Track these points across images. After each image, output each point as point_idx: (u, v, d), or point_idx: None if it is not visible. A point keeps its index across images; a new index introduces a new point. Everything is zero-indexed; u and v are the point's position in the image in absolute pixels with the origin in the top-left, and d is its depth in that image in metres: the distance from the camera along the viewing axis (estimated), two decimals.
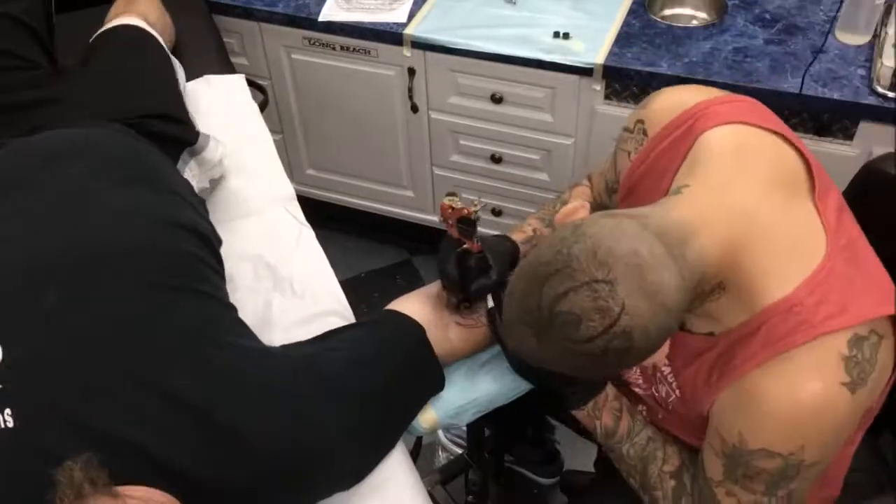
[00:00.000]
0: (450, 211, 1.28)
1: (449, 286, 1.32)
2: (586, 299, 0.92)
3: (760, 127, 1.13)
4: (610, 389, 1.29)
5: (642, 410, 1.34)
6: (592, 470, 1.81)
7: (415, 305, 1.38)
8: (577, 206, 1.10)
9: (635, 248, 0.94)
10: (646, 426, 1.29)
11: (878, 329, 1.04)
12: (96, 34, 1.84)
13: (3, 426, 1.01)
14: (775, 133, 1.13)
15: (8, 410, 1.02)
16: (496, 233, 2.55)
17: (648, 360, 1.02)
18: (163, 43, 1.87)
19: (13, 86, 1.60)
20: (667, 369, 1.23)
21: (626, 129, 1.28)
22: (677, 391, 1.22)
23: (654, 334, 0.94)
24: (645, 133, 1.22)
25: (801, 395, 1.03)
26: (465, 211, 1.27)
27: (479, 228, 1.30)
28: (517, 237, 1.44)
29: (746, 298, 1.06)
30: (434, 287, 1.40)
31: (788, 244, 1.06)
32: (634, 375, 1.33)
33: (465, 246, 1.28)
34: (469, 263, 1.29)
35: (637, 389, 1.34)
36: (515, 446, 2.06)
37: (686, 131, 1.15)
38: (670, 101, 1.21)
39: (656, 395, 1.28)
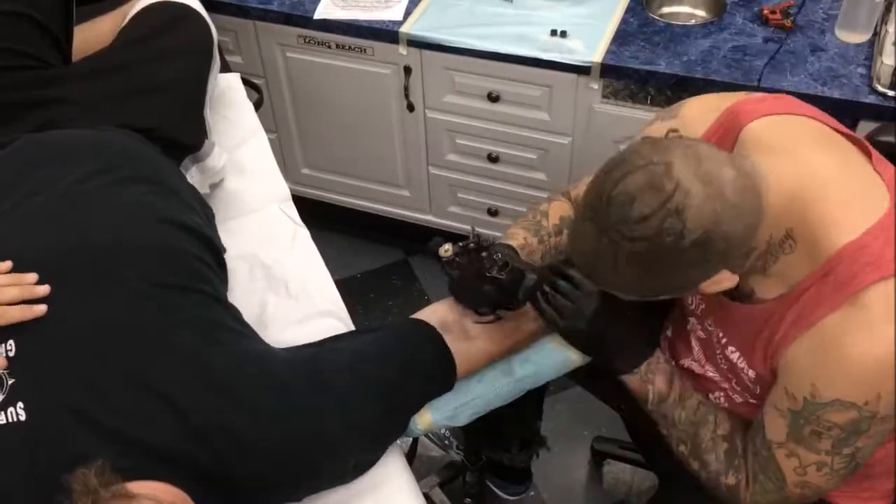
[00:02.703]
0: (457, 258, 1.29)
1: (498, 306, 1.33)
2: (641, 179, 0.99)
3: (801, 114, 1.16)
4: (660, 353, 1.29)
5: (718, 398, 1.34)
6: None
7: (432, 313, 1.38)
8: None
9: (696, 143, 1.02)
10: (696, 391, 1.28)
11: None
12: (139, 8, 1.76)
13: (15, 419, 1.04)
14: (817, 119, 1.16)
15: (20, 404, 1.05)
16: (494, 233, 2.56)
17: (710, 287, 1.05)
18: (207, 18, 1.79)
19: (21, 85, 1.58)
20: (734, 355, 1.23)
21: None
22: (751, 372, 1.22)
23: (708, 222, 0.97)
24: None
25: (879, 341, 1.02)
26: (472, 244, 1.29)
27: (477, 231, 1.30)
28: (514, 243, 1.42)
29: (814, 249, 1.06)
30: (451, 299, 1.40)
31: (852, 195, 1.07)
32: (712, 370, 1.32)
33: (494, 271, 1.28)
34: (503, 282, 1.28)
35: (716, 382, 1.33)
36: (493, 455, 2.04)
37: (728, 131, 1.17)
38: (705, 107, 1.24)
39: (738, 386, 1.28)
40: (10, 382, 1.07)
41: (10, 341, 1.10)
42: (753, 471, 1.19)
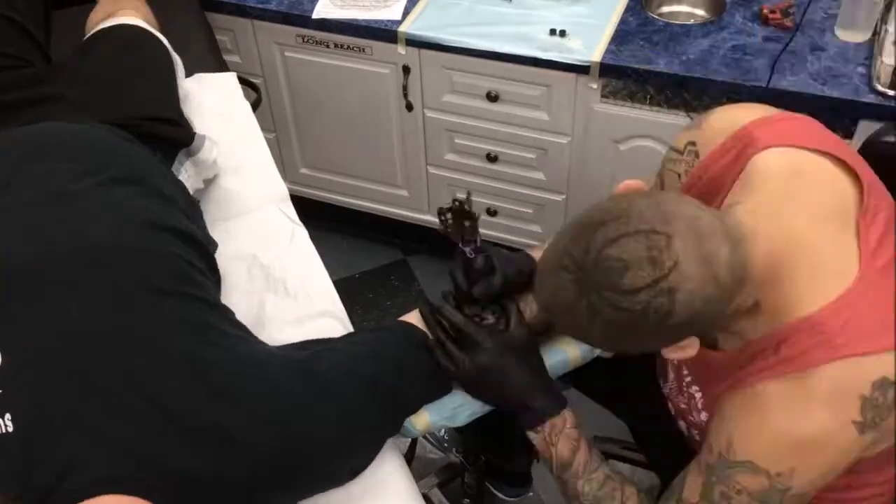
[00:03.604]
0: (446, 214, 1.26)
1: (454, 289, 1.30)
2: (640, 247, 0.91)
3: (812, 149, 1.10)
4: (568, 415, 1.24)
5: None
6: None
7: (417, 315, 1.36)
8: (637, 183, 1.08)
9: (698, 215, 0.94)
10: (603, 463, 1.23)
11: None
12: (92, 32, 1.82)
13: (3, 431, 1.02)
14: (827, 154, 1.10)
15: (8, 415, 1.03)
16: (493, 233, 2.56)
17: (673, 353, 1.01)
18: (164, 42, 1.84)
19: (6, 85, 1.58)
20: (698, 394, 1.21)
21: (675, 150, 1.24)
22: (703, 413, 1.20)
23: (698, 305, 0.92)
24: (697, 155, 1.19)
25: (807, 418, 0.99)
26: (456, 203, 1.25)
27: (485, 234, 1.28)
28: (535, 254, 1.40)
29: (774, 317, 1.03)
30: None
31: (822, 267, 1.03)
32: (684, 400, 1.29)
33: (469, 247, 1.26)
34: (475, 265, 1.27)
35: (689, 414, 1.30)
36: (494, 457, 2.03)
37: (739, 153, 1.12)
38: (723, 121, 1.18)
39: (694, 420, 1.25)
40: None
41: None
42: None
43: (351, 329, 1.49)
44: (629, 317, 0.93)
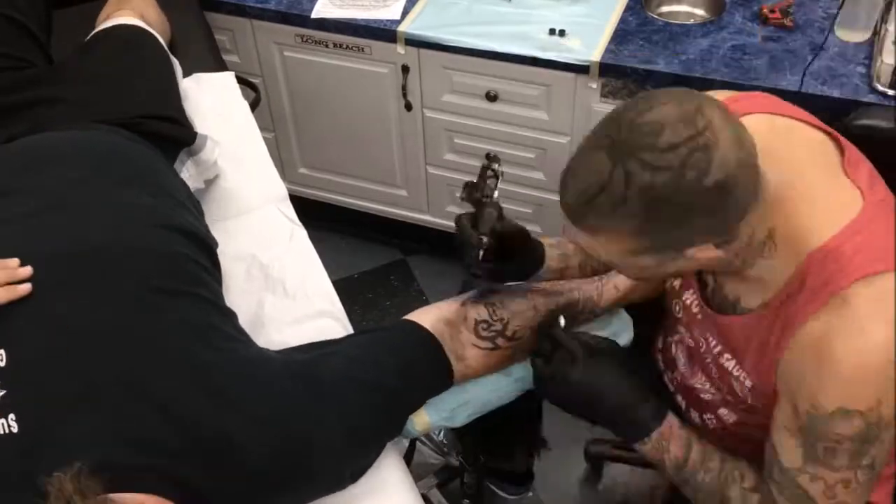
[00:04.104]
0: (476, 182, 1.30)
1: (465, 239, 1.30)
2: (673, 110, 0.96)
3: (783, 115, 1.15)
4: (672, 418, 1.23)
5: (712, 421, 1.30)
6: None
7: (431, 319, 1.35)
8: None
9: (724, 107, 0.99)
10: (716, 450, 1.22)
11: None
12: (93, 33, 1.82)
13: (6, 431, 1.02)
14: (795, 118, 1.15)
15: (12, 416, 1.03)
16: None
17: (701, 252, 1.02)
18: (162, 42, 1.85)
19: (7, 86, 1.58)
20: (730, 363, 1.21)
21: None
22: (747, 381, 1.19)
23: (732, 166, 0.95)
24: None
25: (867, 339, 1.00)
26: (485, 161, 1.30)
27: None
28: (544, 240, 1.40)
29: (791, 252, 1.05)
30: (454, 305, 1.38)
31: (827, 202, 1.06)
32: (701, 381, 1.29)
33: (485, 194, 1.29)
34: (484, 213, 1.28)
35: (706, 396, 1.30)
36: (493, 457, 2.03)
37: None
38: None
39: (730, 397, 1.25)
40: (0, 394, 1.05)
41: (1, 351, 1.08)
42: None
43: (350, 329, 1.49)
44: (666, 177, 0.94)
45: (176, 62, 1.85)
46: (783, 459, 1.12)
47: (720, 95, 1.19)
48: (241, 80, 2.07)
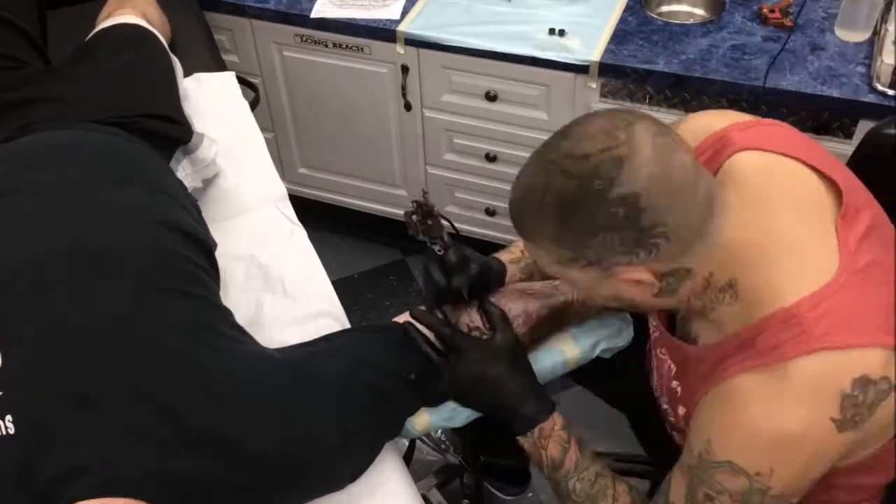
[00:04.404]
0: (412, 216, 1.28)
1: (435, 290, 1.29)
2: (603, 124, 0.98)
3: (784, 154, 1.10)
4: (558, 418, 1.24)
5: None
6: None
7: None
8: None
9: (671, 130, 1.01)
10: (594, 461, 1.23)
11: (892, 378, 0.97)
12: (94, 32, 1.82)
13: (4, 433, 1.01)
14: (799, 160, 1.10)
15: (9, 417, 1.02)
16: (491, 233, 2.55)
17: (629, 273, 1.01)
18: (163, 41, 1.84)
19: (2, 85, 1.57)
20: (678, 388, 1.20)
21: None
22: (681, 408, 1.19)
23: (643, 183, 0.95)
24: None
25: (784, 416, 0.97)
26: (413, 204, 1.27)
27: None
28: (504, 257, 1.41)
29: (751, 307, 1.02)
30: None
31: (801, 261, 1.02)
32: (665, 401, 1.29)
33: (437, 244, 1.27)
34: (448, 260, 1.27)
35: (668, 416, 1.30)
36: (493, 455, 2.03)
37: (714, 154, 1.13)
38: (697, 125, 1.19)
39: (679, 421, 1.24)
40: None
41: None
42: None
43: None
44: (576, 185, 0.96)
45: (176, 61, 1.85)
46: (670, 494, 1.12)
47: (733, 116, 1.17)
48: (241, 80, 2.07)
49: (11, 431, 1.01)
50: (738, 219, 1.03)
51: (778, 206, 1.06)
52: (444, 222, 1.29)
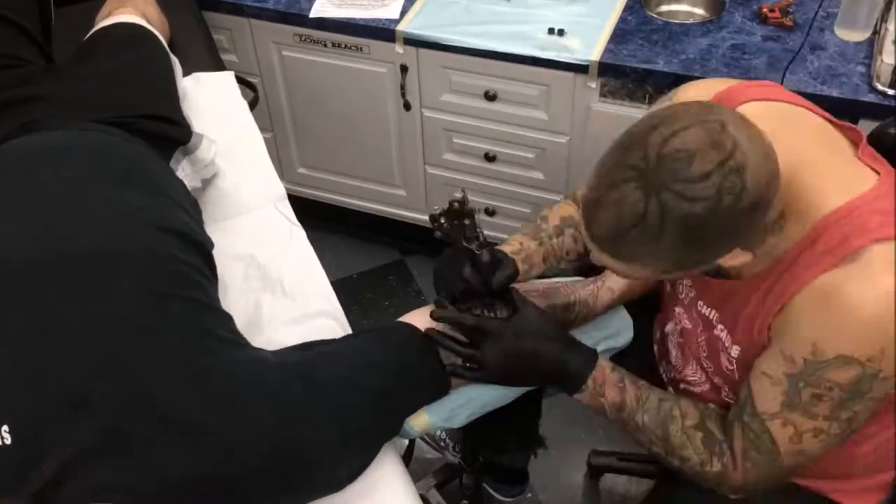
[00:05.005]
0: (441, 216, 1.25)
1: (471, 289, 1.28)
2: (700, 135, 0.94)
3: (791, 102, 1.16)
4: (604, 364, 1.25)
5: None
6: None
7: (428, 323, 1.34)
8: None
9: (741, 117, 0.99)
10: (652, 389, 1.25)
11: None
12: (93, 31, 1.81)
13: (0, 443, 1.01)
14: (806, 108, 1.16)
15: (5, 427, 1.02)
16: (491, 233, 2.54)
17: (732, 259, 1.02)
18: (163, 41, 1.84)
19: (1, 84, 1.57)
20: (723, 333, 1.21)
21: None
22: (734, 349, 1.20)
23: (764, 183, 0.95)
24: None
25: (881, 290, 1.00)
26: (455, 204, 1.25)
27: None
28: (507, 250, 1.40)
29: (800, 221, 1.05)
30: None
31: (838, 176, 1.07)
32: (692, 370, 1.29)
33: (474, 244, 1.26)
34: (483, 260, 1.26)
35: (697, 389, 1.31)
36: (491, 456, 2.03)
37: None
38: (700, 90, 1.22)
39: (718, 380, 1.26)
40: None
41: None
42: (742, 449, 1.15)
43: (349, 330, 1.49)
44: (703, 206, 0.94)
45: (175, 61, 1.85)
46: (758, 404, 1.12)
47: (725, 84, 1.21)
48: (240, 80, 2.06)
49: (8, 441, 1.01)
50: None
51: (797, 140, 1.09)
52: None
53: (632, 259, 1.03)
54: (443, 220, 1.25)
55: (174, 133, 1.64)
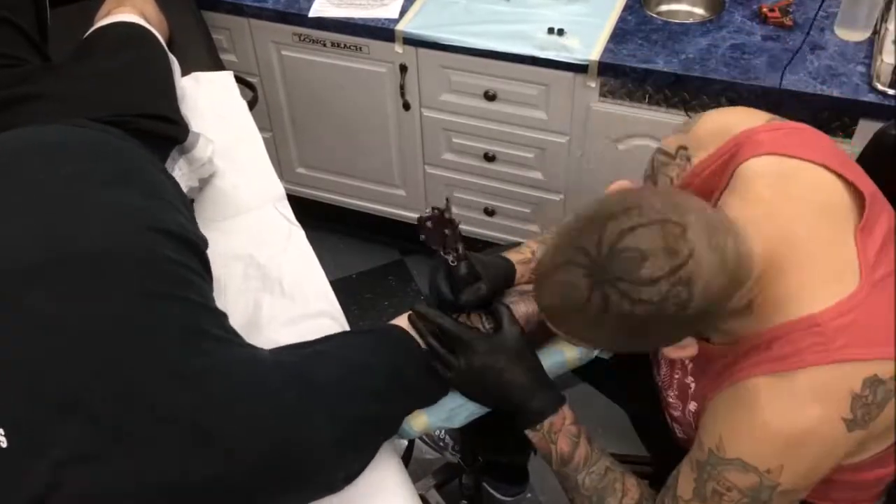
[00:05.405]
0: (427, 220, 1.26)
1: (440, 300, 1.29)
2: (656, 237, 0.91)
3: (804, 159, 1.09)
4: (567, 412, 1.24)
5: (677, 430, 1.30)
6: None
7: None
8: (627, 183, 1.07)
9: (705, 207, 0.95)
10: (603, 456, 1.23)
11: None
12: (92, 30, 1.81)
13: None
14: (820, 165, 1.09)
15: (1, 430, 1.01)
16: (490, 233, 2.55)
17: (675, 352, 1.00)
18: (161, 40, 1.84)
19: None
20: (693, 384, 1.20)
21: (665, 153, 1.24)
22: (692, 404, 1.20)
23: (713, 295, 0.93)
24: (689, 159, 1.19)
25: (796, 414, 0.99)
26: (436, 210, 1.25)
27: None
28: (513, 258, 1.40)
29: (769, 313, 1.03)
30: None
31: (823, 269, 1.02)
32: (673, 395, 1.29)
33: (451, 255, 1.26)
34: (459, 273, 1.26)
35: (675, 412, 1.30)
36: (492, 452, 2.03)
37: (729, 159, 1.13)
38: (716, 126, 1.18)
39: (687, 415, 1.25)
40: None
41: None
42: None
43: (347, 329, 1.48)
44: (646, 309, 0.92)
45: (174, 60, 1.84)
46: (678, 486, 1.12)
47: (750, 115, 1.17)
48: (239, 80, 2.06)
49: (4, 445, 1.00)
50: (756, 232, 1.01)
51: (795, 208, 1.05)
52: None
53: (572, 334, 1.04)
54: (428, 224, 1.26)
55: (171, 132, 1.63)
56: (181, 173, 1.63)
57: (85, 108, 1.53)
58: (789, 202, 1.06)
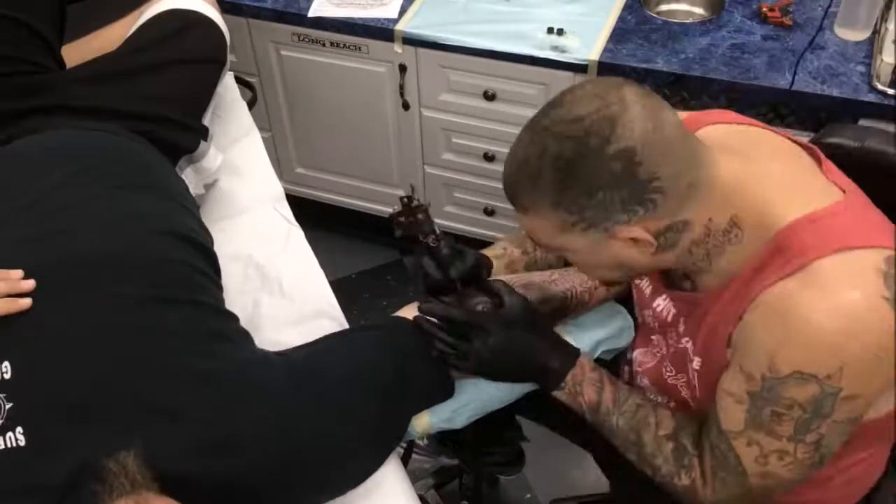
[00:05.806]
0: (398, 216, 1.28)
1: (429, 285, 1.29)
2: (592, 88, 1.02)
3: (755, 125, 1.16)
4: (585, 361, 1.24)
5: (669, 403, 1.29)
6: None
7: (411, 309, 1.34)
8: None
9: (652, 94, 1.04)
10: (633, 393, 1.23)
11: None
12: (146, 19, 1.75)
13: (14, 444, 1.02)
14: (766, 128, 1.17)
15: (19, 429, 1.02)
16: (490, 233, 2.54)
17: (622, 229, 1.03)
18: (219, 26, 1.80)
19: (17, 91, 1.54)
20: (688, 345, 1.19)
21: None
22: (696, 362, 1.18)
23: (638, 136, 0.97)
24: None
25: (839, 302, 0.95)
26: (405, 199, 1.28)
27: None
28: (487, 253, 1.41)
29: (760, 232, 1.03)
30: None
31: (802, 185, 1.06)
32: (669, 371, 1.28)
33: (430, 237, 1.28)
34: (442, 251, 1.28)
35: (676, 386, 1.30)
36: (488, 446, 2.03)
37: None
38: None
39: (684, 381, 1.24)
40: (7, 407, 1.04)
41: (6, 363, 1.07)
42: (711, 467, 1.12)
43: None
44: (571, 146, 0.98)
45: (226, 31, 1.81)
46: (723, 422, 1.10)
47: (694, 112, 1.22)
48: (238, 80, 2.07)
49: (22, 443, 1.02)
50: (727, 164, 1.05)
51: (756, 152, 1.10)
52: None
53: (526, 208, 1.07)
54: (402, 219, 1.28)
55: (183, 141, 1.62)
56: (188, 181, 1.63)
57: (105, 119, 1.52)
58: (755, 147, 1.11)
